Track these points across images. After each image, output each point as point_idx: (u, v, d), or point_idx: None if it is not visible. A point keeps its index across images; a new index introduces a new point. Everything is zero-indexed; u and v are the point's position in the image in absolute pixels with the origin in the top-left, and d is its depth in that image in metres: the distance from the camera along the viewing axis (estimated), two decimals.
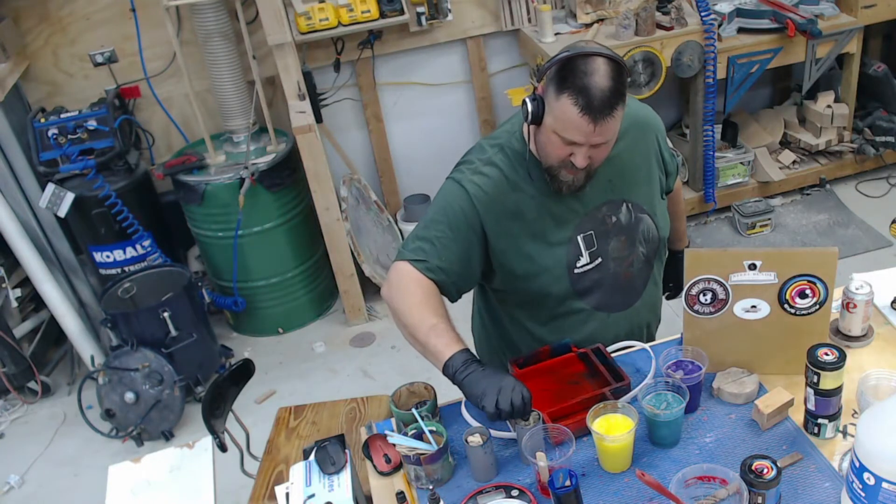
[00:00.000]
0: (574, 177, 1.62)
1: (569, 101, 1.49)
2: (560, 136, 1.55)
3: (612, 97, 1.49)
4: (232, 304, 3.59)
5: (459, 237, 1.67)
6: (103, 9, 3.52)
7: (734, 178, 4.00)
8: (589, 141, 1.54)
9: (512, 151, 1.70)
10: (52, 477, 3.14)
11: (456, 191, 1.69)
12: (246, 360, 2.28)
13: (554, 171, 1.63)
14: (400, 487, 1.59)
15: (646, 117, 1.81)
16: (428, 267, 1.66)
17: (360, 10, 3.50)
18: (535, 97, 1.58)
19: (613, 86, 1.49)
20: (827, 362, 1.47)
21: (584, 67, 1.49)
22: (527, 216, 1.69)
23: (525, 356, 1.77)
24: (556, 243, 1.71)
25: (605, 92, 1.48)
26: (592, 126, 1.50)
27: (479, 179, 1.68)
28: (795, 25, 3.53)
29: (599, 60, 1.49)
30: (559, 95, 1.51)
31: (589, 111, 1.48)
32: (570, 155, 1.57)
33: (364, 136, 4.05)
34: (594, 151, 1.57)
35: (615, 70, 1.50)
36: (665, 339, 1.88)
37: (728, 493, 1.36)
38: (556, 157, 1.60)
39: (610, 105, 1.49)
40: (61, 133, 3.32)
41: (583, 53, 1.51)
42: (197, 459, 2.08)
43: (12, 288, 3.42)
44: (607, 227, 1.74)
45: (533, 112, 1.58)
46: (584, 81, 1.48)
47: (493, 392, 1.49)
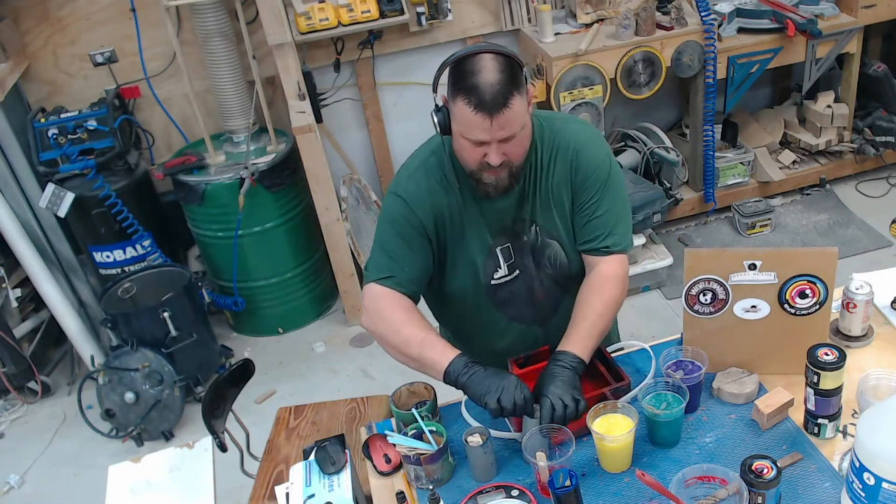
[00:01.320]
0: (497, 177, 1.61)
1: (463, 102, 1.51)
2: (468, 139, 1.56)
3: (503, 89, 1.50)
4: (232, 304, 3.59)
5: (413, 244, 1.70)
6: (103, 9, 3.52)
7: (734, 178, 4.00)
8: (493, 137, 1.54)
9: (436, 160, 1.71)
10: (52, 477, 3.14)
11: (395, 202, 1.71)
12: (246, 360, 2.28)
13: (476, 175, 1.63)
14: (400, 487, 1.59)
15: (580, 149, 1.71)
16: (397, 282, 1.69)
17: (360, 10, 3.50)
18: (439, 108, 1.60)
19: (502, 78, 1.51)
20: (827, 362, 1.47)
21: (471, 67, 1.51)
22: (452, 223, 1.71)
23: (525, 356, 1.77)
24: (477, 252, 1.73)
25: (495, 86, 1.50)
26: (489, 121, 1.51)
27: (410, 186, 1.71)
28: (795, 25, 3.53)
29: (485, 57, 1.52)
30: (454, 100, 1.54)
31: (482, 108, 1.50)
32: (484, 156, 1.58)
33: (364, 136, 4.05)
34: (507, 147, 1.57)
35: (503, 63, 1.52)
36: (665, 339, 1.87)
37: (728, 493, 1.36)
38: (472, 161, 1.60)
39: (502, 97, 1.50)
40: (61, 133, 3.32)
41: (467, 54, 1.53)
42: (197, 459, 2.08)
43: (12, 288, 3.42)
44: (522, 243, 1.75)
45: (440, 123, 1.61)
46: (473, 81, 1.50)
47: (496, 390, 1.51)
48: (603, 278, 1.71)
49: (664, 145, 3.84)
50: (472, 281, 1.75)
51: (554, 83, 3.44)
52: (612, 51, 3.46)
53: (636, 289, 3.59)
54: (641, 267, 3.52)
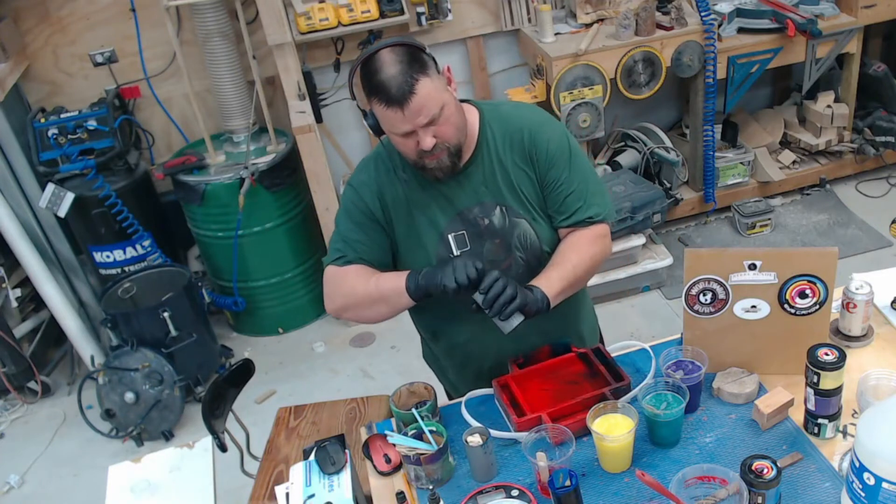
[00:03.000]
0: (438, 160, 1.64)
1: (376, 102, 1.56)
2: (395, 134, 1.61)
3: (404, 78, 1.53)
4: (232, 304, 3.60)
5: (365, 227, 1.75)
6: (103, 9, 3.52)
7: (734, 178, 4.00)
8: (415, 125, 1.57)
9: (384, 152, 1.75)
10: (52, 477, 3.14)
11: (347, 191, 1.79)
12: (246, 360, 2.28)
13: (419, 163, 1.66)
14: (400, 487, 1.59)
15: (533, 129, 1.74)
16: (348, 259, 1.75)
17: (360, 10, 3.50)
18: (365, 112, 1.64)
19: (401, 68, 1.53)
20: (827, 362, 1.47)
21: (373, 67, 1.55)
22: (401, 209, 1.74)
23: (525, 356, 1.77)
24: (427, 239, 1.74)
25: (397, 78, 1.53)
26: (402, 113, 1.54)
27: (361, 175, 1.78)
28: (795, 25, 3.53)
29: (382, 53, 1.55)
30: (371, 102, 1.58)
31: (392, 102, 1.54)
32: (418, 144, 1.61)
33: (364, 136, 4.05)
34: (436, 129, 1.59)
35: (400, 53, 1.55)
36: (665, 339, 1.87)
37: (728, 493, 1.36)
38: (409, 151, 1.64)
39: (407, 85, 1.53)
40: (61, 133, 3.32)
41: (366, 57, 1.56)
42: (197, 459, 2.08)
43: (12, 288, 3.42)
44: (480, 229, 1.74)
45: (372, 126, 1.64)
46: (377, 79, 1.54)
47: (450, 271, 1.58)
48: (582, 235, 1.74)
49: (664, 145, 3.84)
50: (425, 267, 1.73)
51: (554, 83, 3.44)
52: (612, 51, 3.46)
53: (636, 289, 3.59)
54: (641, 267, 3.52)
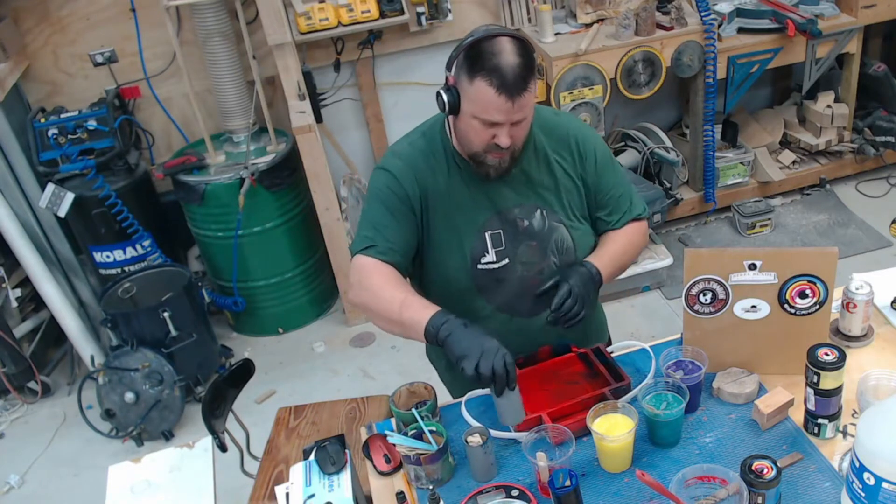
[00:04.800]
0: (500, 160, 1.64)
1: (483, 82, 1.53)
2: (480, 120, 1.58)
3: (524, 72, 1.53)
4: (232, 304, 3.60)
5: (398, 215, 1.70)
6: (103, 9, 3.52)
7: (734, 178, 4.00)
8: (509, 119, 1.57)
9: (431, 138, 1.73)
10: (52, 477, 3.14)
11: (382, 175, 1.73)
12: (246, 360, 2.28)
13: (479, 157, 1.64)
14: (400, 487, 1.59)
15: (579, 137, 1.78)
16: (379, 250, 1.66)
17: (360, 10, 3.50)
18: (448, 87, 1.61)
19: (523, 62, 1.53)
20: (827, 362, 1.47)
21: (491, 49, 1.53)
22: (440, 202, 1.72)
23: (525, 356, 1.77)
24: (464, 235, 1.72)
25: (517, 68, 1.52)
26: (511, 103, 1.54)
27: (398, 161, 1.72)
28: (795, 25, 3.53)
29: (504, 40, 1.54)
30: (472, 80, 1.55)
31: (504, 89, 1.52)
32: (493, 137, 1.60)
33: (364, 136, 4.05)
34: (514, 130, 1.60)
35: (521, 47, 1.55)
36: (665, 339, 1.87)
37: (728, 493, 1.36)
38: (479, 142, 1.62)
39: (523, 79, 1.53)
40: (61, 133, 3.32)
41: (487, 36, 1.54)
42: (197, 459, 2.08)
43: (12, 288, 3.42)
44: (518, 230, 1.74)
45: (449, 102, 1.60)
46: (495, 62, 1.52)
47: (475, 354, 1.45)
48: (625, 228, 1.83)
49: (664, 145, 3.84)
50: (457, 263, 1.73)
51: (554, 83, 3.44)
52: (612, 51, 3.46)
53: (636, 289, 3.59)
54: (641, 267, 3.52)
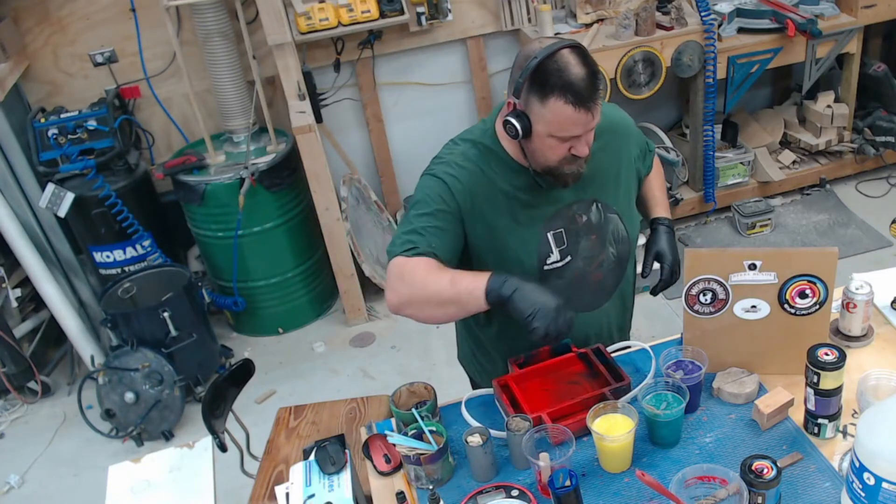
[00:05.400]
0: (577, 167, 1.65)
1: (559, 102, 1.52)
2: (558, 137, 1.57)
3: (593, 80, 1.53)
4: (232, 304, 3.59)
5: (445, 225, 1.66)
6: (103, 9, 3.52)
7: (734, 178, 4.00)
8: (588, 128, 1.58)
9: (484, 147, 1.72)
10: (52, 477, 3.14)
11: (433, 183, 1.69)
12: (246, 360, 2.28)
13: (557, 170, 1.64)
14: (400, 487, 1.59)
15: (622, 124, 1.84)
16: (419, 252, 1.62)
17: (360, 10, 3.50)
18: (518, 113, 1.59)
19: (589, 70, 1.53)
20: (827, 362, 1.47)
21: (556, 66, 1.52)
22: (499, 211, 1.70)
23: (525, 356, 1.77)
24: (527, 239, 1.72)
25: (587, 78, 1.52)
26: (590, 115, 1.54)
27: (454, 170, 1.69)
28: (795, 25, 3.53)
29: (565, 53, 1.53)
30: (545, 101, 1.53)
31: (581, 103, 1.52)
32: (570, 149, 1.60)
33: (364, 136, 4.05)
34: (589, 136, 1.61)
35: (582, 55, 1.54)
36: (665, 339, 1.87)
37: (728, 493, 1.36)
38: (556, 157, 1.61)
39: (595, 88, 1.53)
40: (61, 133, 3.32)
41: (547, 55, 1.53)
42: (197, 459, 2.08)
43: (12, 288, 3.42)
44: (578, 226, 1.74)
45: (522, 128, 1.59)
46: (565, 78, 1.51)
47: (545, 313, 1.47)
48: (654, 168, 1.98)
49: (664, 145, 3.84)
50: (524, 267, 1.72)
51: None
52: (612, 51, 3.46)
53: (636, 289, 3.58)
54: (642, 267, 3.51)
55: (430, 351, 3.48)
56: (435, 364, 3.39)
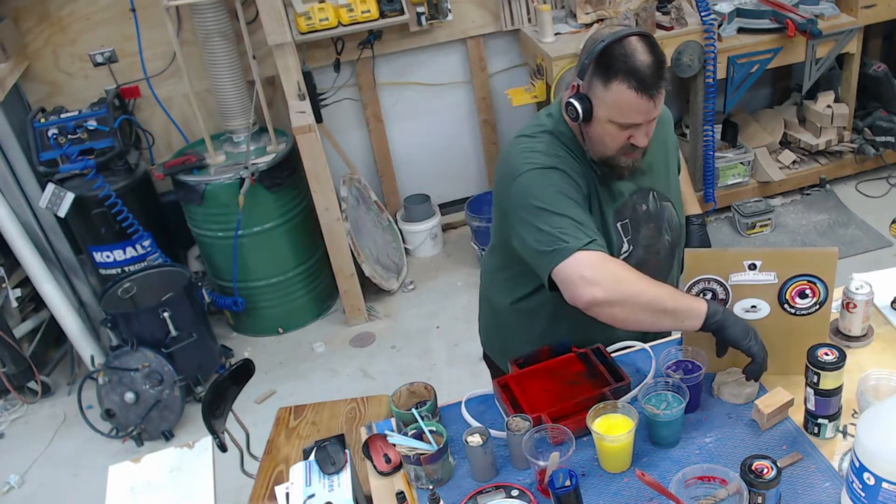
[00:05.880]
0: (633, 159, 1.66)
1: (622, 86, 1.53)
2: (618, 124, 1.58)
3: (659, 69, 1.54)
4: (232, 304, 3.60)
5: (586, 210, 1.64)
6: (103, 9, 3.52)
7: (734, 178, 4.00)
8: (647, 118, 1.58)
9: (562, 136, 1.71)
10: (52, 477, 3.14)
11: (551, 175, 1.64)
12: (246, 360, 2.28)
13: (613, 160, 1.65)
14: (400, 487, 1.59)
15: (665, 114, 1.90)
16: (600, 244, 1.57)
17: (360, 10, 3.50)
18: (581, 96, 1.60)
19: (655, 59, 1.54)
20: (827, 362, 1.47)
21: (623, 51, 1.53)
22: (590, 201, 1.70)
23: (525, 356, 1.77)
24: (603, 231, 1.73)
25: (652, 66, 1.53)
26: (652, 103, 1.55)
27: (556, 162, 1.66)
28: (795, 25, 3.53)
29: (633, 40, 1.54)
30: (609, 85, 1.55)
31: (644, 89, 1.53)
32: (629, 138, 1.61)
33: (364, 136, 4.05)
34: (649, 127, 1.62)
35: (650, 44, 1.55)
36: (665, 339, 1.87)
37: (728, 493, 1.36)
38: (615, 145, 1.62)
39: (660, 77, 1.54)
40: (61, 133, 3.32)
41: (616, 39, 1.54)
42: (197, 459, 2.08)
43: (12, 288, 3.42)
44: (639, 215, 1.77)
45: (584, 110, 1.59)
46: (630, 63, 1.52)
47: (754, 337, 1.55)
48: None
49: None
50: None
51: (554, 83, 3.44)
52: None
53: None
54: None
55: (430, 351, 3.48)
56: (435, 364, 3.39)
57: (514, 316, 1.91)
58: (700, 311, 1.53)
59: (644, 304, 1.53)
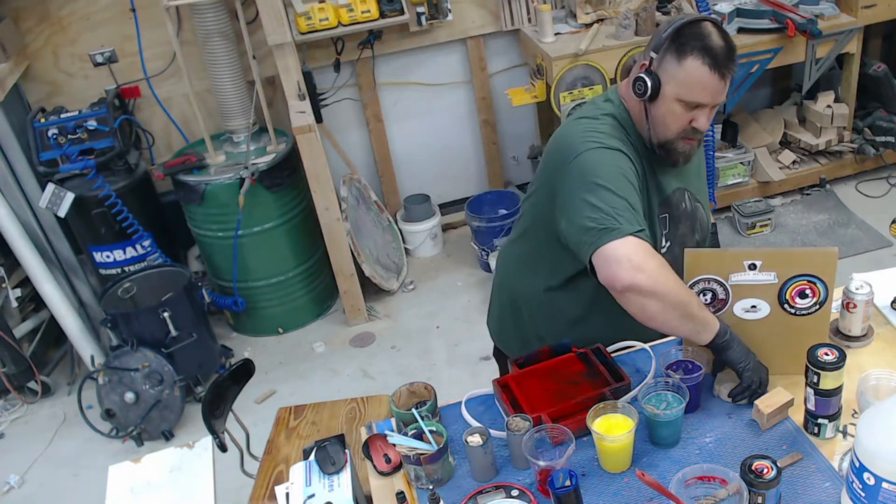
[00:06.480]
0: (690, 146, 1.68)
1: (696, 62, 1.58)
2: (684, 102, 1.62)
3: (731, 52, 1.60)
4: (232, 304, 3.60)
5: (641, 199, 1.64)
6: (103, 9, 3.53)
7: (734, 178, 4.00)
8: (715, 99, 1.61)
9: (625, 122, 1.73)
10: (52, 477, 3.14)
11: (616, 157, 1.63)
12: (246, 360, 2.28)
13: (671, 144, 1.67)
14: (400, 487, 1.59)
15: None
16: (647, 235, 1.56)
17: (360, 10, 3.50)
18: (650, 72, 1.63)
19: (728, 45, 1.60)
20: (827, 362, 1.47)
21: (698, 31, 1.59)
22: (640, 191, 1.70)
23: (525, 356, 1.77)
24: (652, 222, 1.74)
25: (725, 48, 1.58)
26: (723, 82, 1.59)
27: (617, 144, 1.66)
28: (795, 25, 3.53)
29: (707, 24, 1.60)
30: (682, 61, 1.59)
31: (717, 67, 1.58)
32: (691, 121, 1.63)
33: (364, 136, 4.05)
34: (711, 113, 1.64)
35: (723, 31, 1.61)
36: (665, 339, 1.87)
37: (728, 493, 1.36)
38: (676, 127, 1.65)
39: (732, 59, 1.59)
40: (61, 133, 3.32)
41: (691, 21, 1.60)
42: (197, 459, 2.08)
43: (12, 288, 3.42)
44: (679, 212, 1.79)
45: (653, 86, 1.62)
46: (704, 42, 1.58)
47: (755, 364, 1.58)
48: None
49: None
50: None
51: (554, 83, 3.44)
52: (612, 51, 3.46)
53: None
54: None
55: (430, 351, 3.48)
56: (435, 364, 3.39)
57: (545, 303, 1.88)
58: (714, 327, 1.56)
59: (676, 303, 1.53)
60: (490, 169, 4.24)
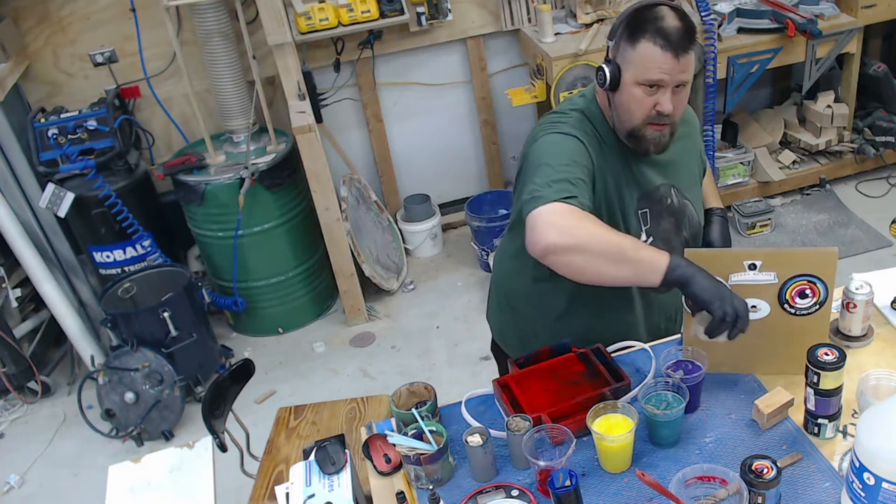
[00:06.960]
0: (660, 133, 1.65)
1: (648, 43, 1.57)
2: (643, 85, 1.60)
3: (687, 33, 1.58)
4: (232, 304, 3.60)
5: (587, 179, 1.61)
6: (103, 9, 3.53)
7: (734, 178, 4.00)
8: (673, 79, 1.59)
9: (593, 116, 1.73)
10: (52, 477, 3.14)
11: (567, 140, 1.65)
12: (246, 360, 2.28)
13: (639, 131, 1.65)
14: (400, 487, 1.59)
15: (693, 118, 1.94)
16: (581, 204, 1.51)
17: (360, 10, 3.50)
18: (609, 61, 1.64)
19: (684, 25, 1.58)
20: (827, 362, 1.47)
21: (653, 15, 1.58)
22: (603, 182, 1.70)
23: (525, 356, 1.77)
24: (626, 216, 1.74)
25: (680, 30, 1.57)
26: (675, 60, 1.57)
27: (578, 133, 1.68)
28: (795, 25, 3.53)
29: (663, 8, 1.59)
30: (636, 44, 1.59)
31: (670, 47, 1.56)
32: (655, 106, 1.62)
33: (364, 136, 4.05)
34: (675, 98, 1.62)
35: (681, 13, 1.59)
36: (665, 339, 1.87)
37: (728, 493, 1.36)
38: (641, 112, 1.63)
39: (688, 39, 1.57)
40: (61, 133, 3.32)
41: (646, 5, 1.60)
42: (197, 459, 2.08)
43: (12, 288, 3.42)
44: (662, 208, 1.78)
45: (612, 74, 1.62)
46: (658, 25, 1.57)
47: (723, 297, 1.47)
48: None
49: None
50: None
51: (554, 83, 3.44)
52: None
53: None
54: None
55: (430, 351, 3.48)
56: (435, 364, 3.39)
57: (534, 298, 1.89)
58: (661, 264, 1.47)
59: (603, 252, 1.46)
60: (490, 169, 4.24)
